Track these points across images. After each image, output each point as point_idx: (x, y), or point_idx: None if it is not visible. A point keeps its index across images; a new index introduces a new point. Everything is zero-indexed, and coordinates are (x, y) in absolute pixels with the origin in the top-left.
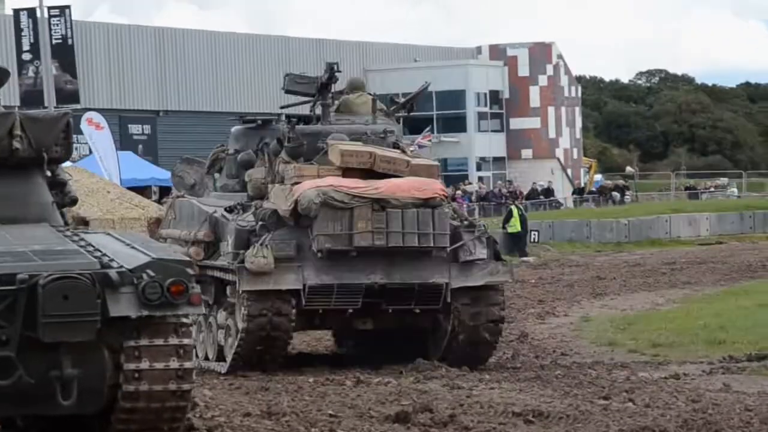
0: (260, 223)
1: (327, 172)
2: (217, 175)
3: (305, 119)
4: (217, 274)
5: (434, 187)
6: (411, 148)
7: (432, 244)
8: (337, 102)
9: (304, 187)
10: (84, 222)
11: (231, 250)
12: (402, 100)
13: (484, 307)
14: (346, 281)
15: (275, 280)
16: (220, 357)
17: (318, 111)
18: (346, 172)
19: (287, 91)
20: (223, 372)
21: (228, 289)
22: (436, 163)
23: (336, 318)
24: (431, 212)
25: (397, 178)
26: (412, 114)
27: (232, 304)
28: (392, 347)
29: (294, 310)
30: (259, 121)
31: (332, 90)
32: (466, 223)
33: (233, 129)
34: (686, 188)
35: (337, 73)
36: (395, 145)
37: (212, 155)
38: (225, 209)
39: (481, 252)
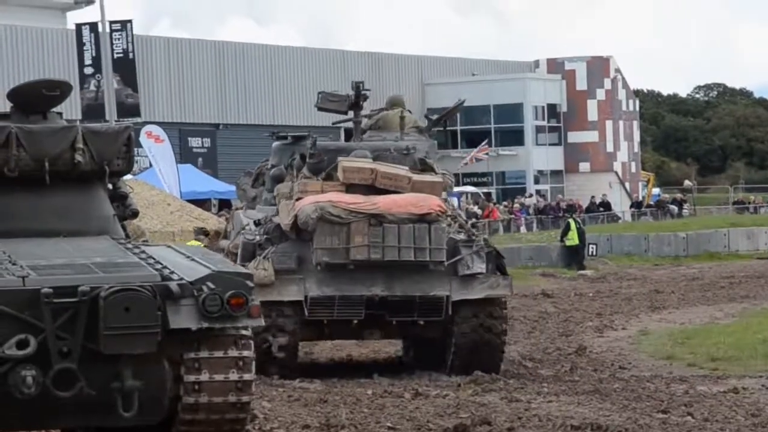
0: (265, 236)
1: (331, 188)
2: (261, 188)
3: (348, 134)
4: None
5: (430, 203)
6: (464, 162)
7: (428, 259)
8: (375, 118)
9: (303, 203)
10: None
11: (239, 263)
12: (436, 116)
13: (484, 320)
14: (347, 293)
15: (278, 291)
16: None
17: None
18: (351, 188)
19: (320, 109)
20: None
21: None
22: (440, 179)
23: (343, 329)
24: (428, 227)
25: (397, 194)
26: (469, 127)
27: None
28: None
29: (297, 322)
30: (288, 137)
31: (362, 107)
32: (464, 237)
33: (273, 144)
34: (734, 203)
35: (365, 91)
36: (422, 162)
37: (257, 169)
38: (254, 222)
39: (480, 266)
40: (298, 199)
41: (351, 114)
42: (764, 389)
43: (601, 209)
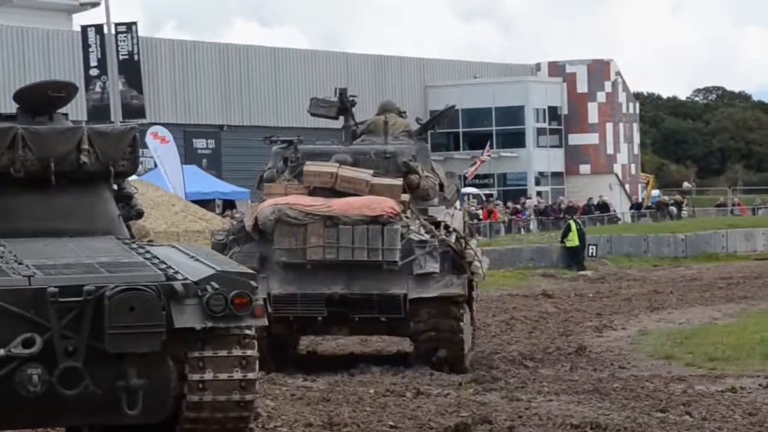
0: (231, 237)
1: (294, 191)
2: None
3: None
4: None
5: (383, 205)
6: (469, 170)
7: (381, 258)
8: (367, 123)
9: (263, 205)
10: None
11: None
12: (424, 120)
13: (439, 318)
14: (309, 291)
15: None
16: None
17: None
18: (315, 190)
19: (312, 114)
20: None
21: None
22: (399, 183)
23: (310, 325)
24: (381, 228)
25: (356, 196)
26: (471, 129)
27: None
28: None
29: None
30: (279, 141)
31: (352, 112)
32: (416, 239)
33: (272, 148)
34: (716, 205)
35: (353, 97)
36: (406, 165)
37: (260, 172)
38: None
39: (433, 266)
40: (261, 201)
41: (342, 119)
42: (761, 389)
43: (598, 211)
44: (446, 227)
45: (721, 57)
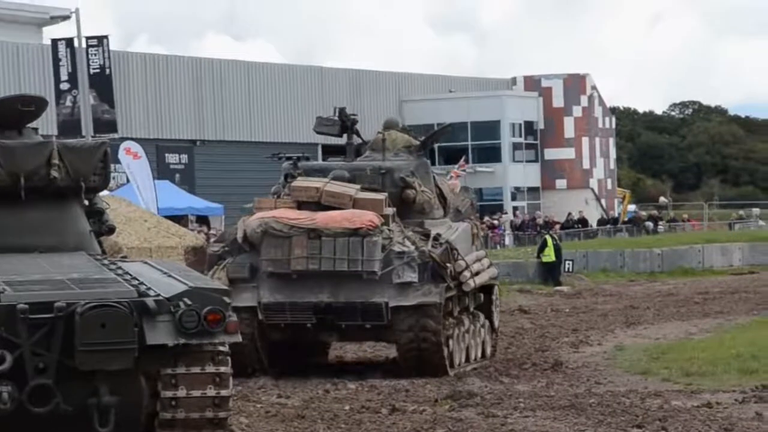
0: (224, 248)
1: (283, 205)
2: None
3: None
4: None
5: (363, 218)
6: (448, 178)
7: (360, 269)
8: (371, 141)
9: (251, 218)
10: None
11: (205, 272)
12: (422, 137)
13: (418, 326)
14: (296, 299)
15: (233, 298)
16: None
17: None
18: (302, 205)
19: (317, 132)
20: None
21: None
22: (382, 197)
23: (300, 332)
24: (361, 240)
25: (339, 210)
26: (447, 144)
27: None
28: None
29: (254, 325)
30: (283, 156)
31: (355, 130)
32: (397, 250)
33: (283, 164)
34: (668, 221)
35: (353, 116)
36: (402, 180)
37: (273, 189)
38: None
39: (410, 275)
40: (251, 215)
41: (345, 137)
42: (737, 404)
43: (579, 225)
44: (435, 239)
45: (698, 71)
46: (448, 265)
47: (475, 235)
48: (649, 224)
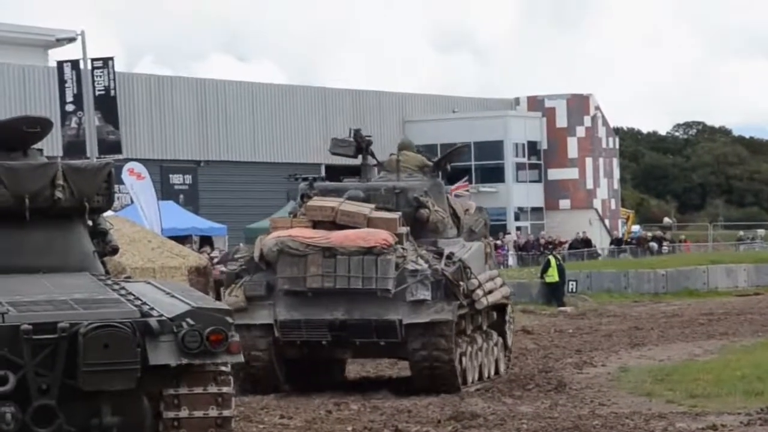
0: (241, 267)
1: (298, 224)
2: None
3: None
4: None
5: (377, 237)
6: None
7: (375, 287)
8: (386, 162)
9: (268, 237)
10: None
11: (223, 291)
12: (436, 158)
13: (431, 343)
14: (312, 317)
15: (250, 315)
16: None
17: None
18: (318, 224)
19: (333, 153)
20: None
21: None
22: (395, 216)
23: (317, 348)
24: (375, 259)
25: (353, 229)
26: (451, 164)
27: None
28: None
29: (270, 342)
30: (299, 177)
31: (370, 151)
32: (410, 268)
33: (299, 184)
34: (653, 238)
35: (368, 137)
36: (416, 200)
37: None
38: None
39: (423, 293)
40: (268, 234)
41: (360, 158)
42: (743, 426)
43: (583, 245)
44: (448, 257)
45: (702, 92)
46: (461, 283)
47: (489, 255)
48: (654, 245)
